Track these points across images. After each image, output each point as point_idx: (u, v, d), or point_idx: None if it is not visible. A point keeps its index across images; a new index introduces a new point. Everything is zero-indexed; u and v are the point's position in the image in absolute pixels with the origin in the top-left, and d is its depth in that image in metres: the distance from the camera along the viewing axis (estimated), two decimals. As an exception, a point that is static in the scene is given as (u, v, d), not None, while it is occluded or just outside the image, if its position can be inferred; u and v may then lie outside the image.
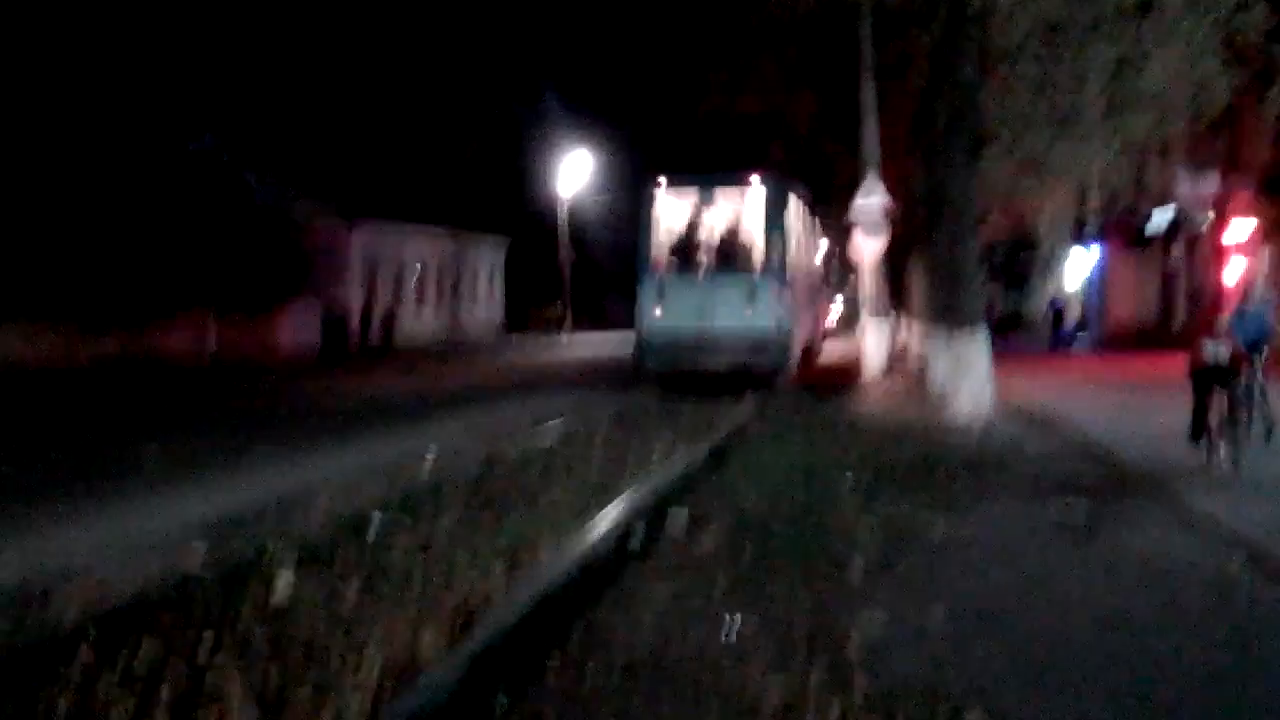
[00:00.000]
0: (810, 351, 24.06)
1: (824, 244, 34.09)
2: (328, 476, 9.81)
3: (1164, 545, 7.13)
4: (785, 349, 18.88)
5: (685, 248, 19.25)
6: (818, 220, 25.78)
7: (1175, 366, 10.82)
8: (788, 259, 19.24)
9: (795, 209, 20.35)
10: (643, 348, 18.85)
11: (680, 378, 18.71)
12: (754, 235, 19.08)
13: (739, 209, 19.30)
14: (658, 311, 18.75)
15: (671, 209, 19.47)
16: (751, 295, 18.53)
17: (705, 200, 19.36)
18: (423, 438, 12.84)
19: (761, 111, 24.61)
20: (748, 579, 6.20)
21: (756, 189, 19.04)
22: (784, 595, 5.89)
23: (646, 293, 18.90)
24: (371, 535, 7.26)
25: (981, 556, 6.87)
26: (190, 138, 40.87)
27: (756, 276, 18.63)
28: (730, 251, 19.12)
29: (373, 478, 9.61)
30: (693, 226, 19.37)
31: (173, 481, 10.02)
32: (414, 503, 8.20)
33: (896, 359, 23.71)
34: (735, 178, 19.28)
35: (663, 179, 19.30)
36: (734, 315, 18.46)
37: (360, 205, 46.15)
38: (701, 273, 18.90)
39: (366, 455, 11.47)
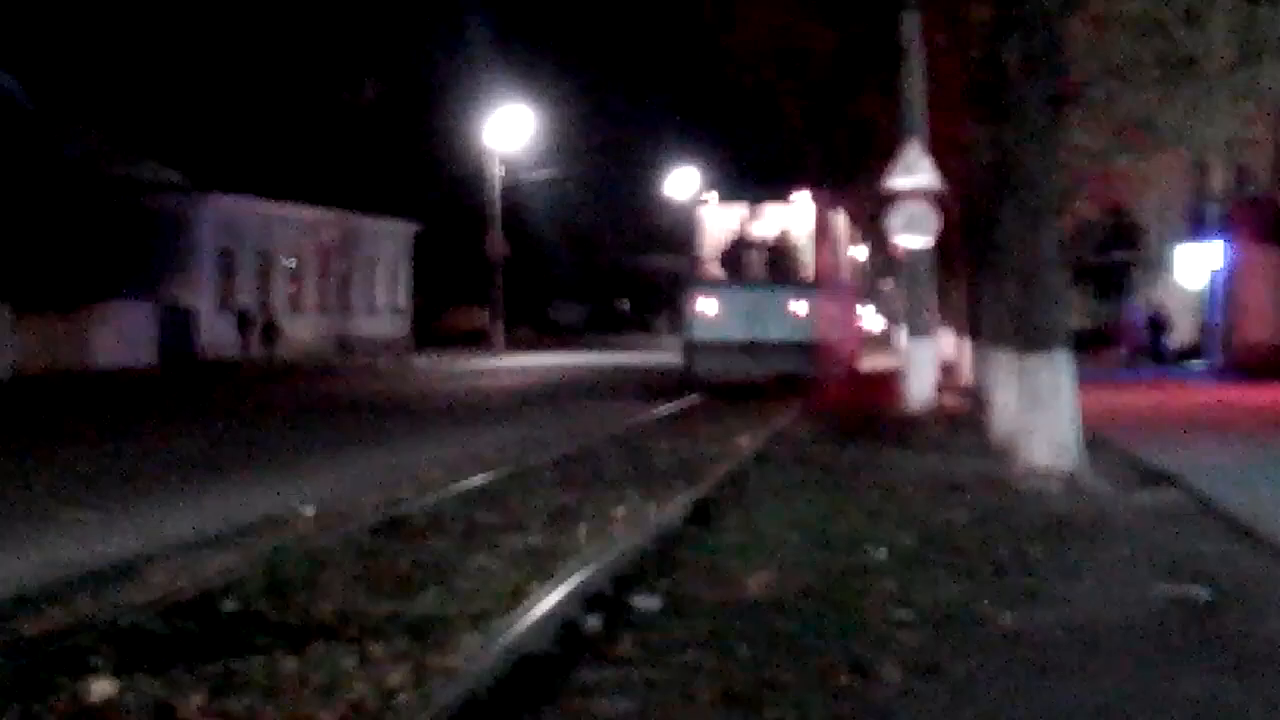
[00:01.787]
0: (852, 361, 31.79)
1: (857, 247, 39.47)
2: (157, 542, 9.68)
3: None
4: (830, 357, 26.20)
5: (733, 260, 26.14)
6: (854, 228, 32.69)
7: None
8: (831, 271, 26.55)
9: (837, 222, 27.75)
10: (692, 356, 25.56)
11: (727, 388, 24.76)
12: (799, 249, 26.04)
13: (785, 224, 26.25)
14: (707, 321, 25.33)
15: (719, 223, 26.44)
16: (798, 307, 25.20)
17: (752, 215, 26.36)
18: (292, 487, 12.72)
19: (768, 50, 24.70)
20: (740, 693, 6.14)
21: (802, 205, 26.17)
22: (790, 717, 5.83)
23: (696, 303, 25.61)
24: (219, 626, 7.16)
25: (1062, 657, 6.85)
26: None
27: (802, 289, 25.50)
28: (777, 265, 26.06)
29: (221, 545, 9.50)
30: (740, 239, 26.27)
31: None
32: (280, 582, 8.10)
33: (945, 386, 23.85)
34: (782, 194, 26.47)
35: (712, 194, 27.13)
36: (781, 326, 24.97)
37: (217, 172, 45.88)
38: (749, 285, 25.71)
39: (213, 511, 11.35)
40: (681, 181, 74.34)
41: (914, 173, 19.78)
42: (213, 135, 46.44)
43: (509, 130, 55.40)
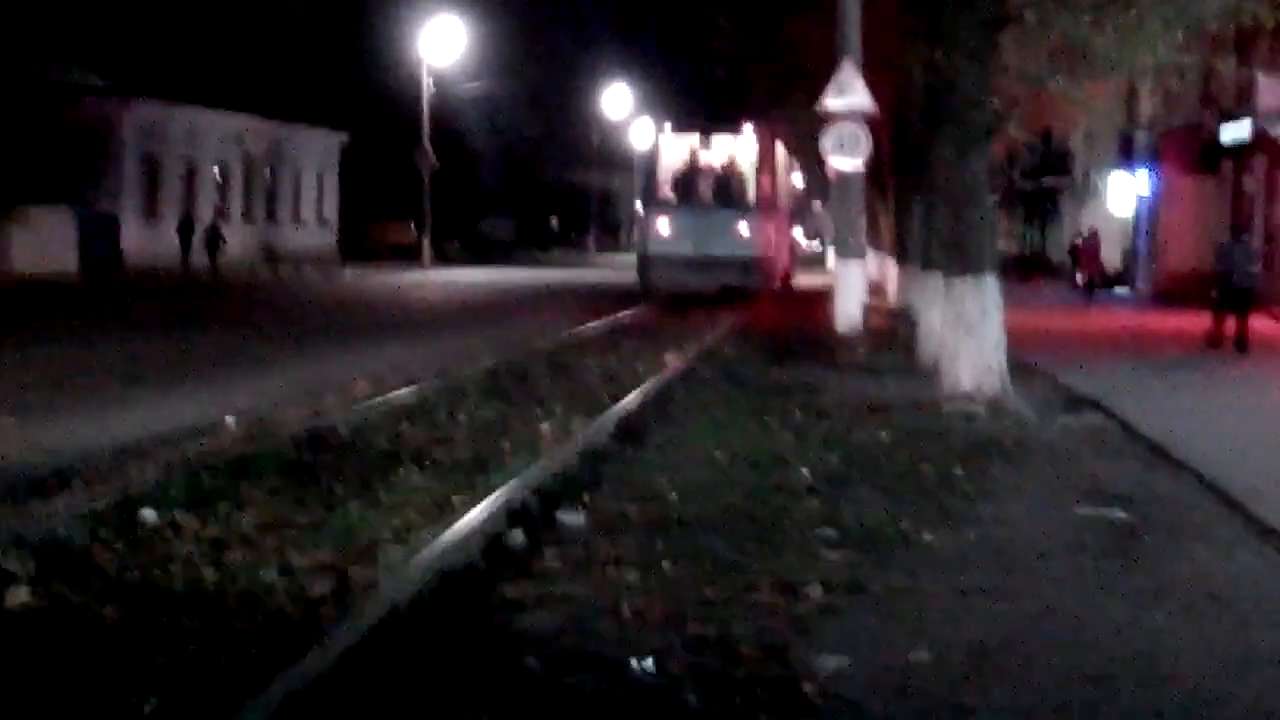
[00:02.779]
0: (787, 278, 36.27)
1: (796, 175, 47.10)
2: (72, 449, 9.57)
3: (1227, 565, 7.25)
4: (769, 273, 31.08)
5: (684, 183, 30.10)
6: (792, 157, 37.13)
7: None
8: (772, 196, 30.97)
9: (778, 151, 32.33)
10: (647, 268, 29.88)
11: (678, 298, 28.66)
12: (744, 174, 30.21)
13: (732, 151, 30.38)
14: (661, 238, 29.61)
15: (673, 149, 30.86)
16: (742, 226, 29.34)
17: (703, 142, 30.58)
18: (218, 398, 12.61)
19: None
20: (665, 608, 6.16)
21: (748, 135, 30.42)
22: (713, 632, 5.85)
23: (651, 222, 30.11)
24: (141, 534, 7.09)
25: (982, 577, 6.92)
26: None
27: (745, 211, 29.66)
28: (724, 188, 29.94)
29: (142, 455, 9.42)
30: (691, 165, 30.26)
31: None
32: (202, 491, 8.03)
33: (873, 307, 23.99)
34: (731, 124, 30.74)
35: (667, 123, 32.01)
36: (726, 243, 28.95)
37: (141, 77, 45.03)
38: (698, 206, 29.69)
39: (131, 420, 11.22)
40: (616, 99, 73.93)
41: (847, 94, 19.69)
42: (137, 39, 45.51)
43: (441, 42, 54.67)
